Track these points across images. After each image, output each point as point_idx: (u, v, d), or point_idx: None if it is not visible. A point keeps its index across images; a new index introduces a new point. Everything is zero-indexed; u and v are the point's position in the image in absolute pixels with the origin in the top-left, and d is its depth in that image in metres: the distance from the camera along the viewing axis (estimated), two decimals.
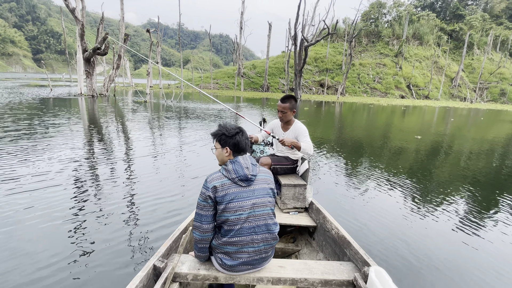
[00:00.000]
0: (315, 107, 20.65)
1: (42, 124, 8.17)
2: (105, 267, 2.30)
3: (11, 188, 3.66)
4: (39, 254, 2.44)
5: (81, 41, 17.58)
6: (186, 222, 2.11)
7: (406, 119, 16.04)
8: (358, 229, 3.14)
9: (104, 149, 6.00)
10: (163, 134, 7.90)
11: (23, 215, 3.01)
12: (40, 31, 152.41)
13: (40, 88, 24.86)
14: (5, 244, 2.52)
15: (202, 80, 42.22)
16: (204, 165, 5.10)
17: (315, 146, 7.32)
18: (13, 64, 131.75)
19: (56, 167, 4.52)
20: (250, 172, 1.59)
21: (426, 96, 42.04)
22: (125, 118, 10.63)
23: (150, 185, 4.04)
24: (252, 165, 1.63)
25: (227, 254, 1.58)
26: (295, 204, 2.68)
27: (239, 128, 1.70)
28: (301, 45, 27.51)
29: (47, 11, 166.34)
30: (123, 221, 3.02)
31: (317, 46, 48.00)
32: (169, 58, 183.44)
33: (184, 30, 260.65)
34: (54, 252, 2.46)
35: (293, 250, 2.54)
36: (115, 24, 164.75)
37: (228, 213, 1.53)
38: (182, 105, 16.77)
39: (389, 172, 5.32)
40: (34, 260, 2.34)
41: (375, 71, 44.01)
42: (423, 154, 7.11)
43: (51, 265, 2.29)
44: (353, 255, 1.87)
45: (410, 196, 4.18)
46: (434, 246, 2.91)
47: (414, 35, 50.18)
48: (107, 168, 4.71)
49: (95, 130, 7.96)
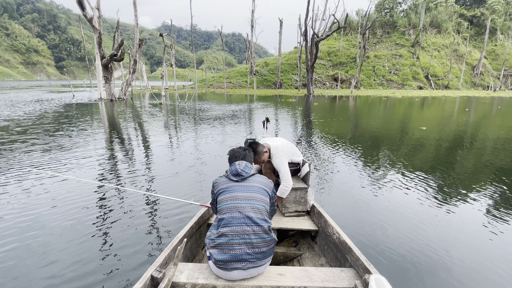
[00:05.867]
0: (325, 102, 20.58)
1: (70, 127, 8.80)
2: (102, 277, 2.28)
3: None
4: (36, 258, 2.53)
5: (99, 49, 18.40)
6: (184, 231, 2.09)
7: (420, 111, 15.70)
8: (361, 233, 2.99)
9: (121, 150, 6.45)
10: (177, 135, 8.29)
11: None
12: (61, 40, 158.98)
13: (64, 94, 26.28)
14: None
15: (216, 80, 42.78)
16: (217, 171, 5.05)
17: (317, 144, 7.47)
18: (37, 73, 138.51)
19: (72, 167, 4.98)
20: (241, 168, 1.92)
21: (446, 86, 40.61)
22: (141, 120, 11.17)
23: (161, 187, 4.37)
24: (246, 166, 1.95)
25: (219, 248, 1.66)
26: (297, 208, 2.65)
27: (241, 155, 2.11)
28: (312, 40, 27.35)
29: (67, 20, 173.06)
30: (122, 228, 3.02)
31: (329, 40, 47.39)
32: (184, 60, 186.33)
33: (197, 31, 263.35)
34: (51, 258, 2.50)
35: (295, 255, 2.50)
36: (131, 29, 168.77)
37: (221, 203, 1.82)
38: (196, 106, 17.23)
39: (399, 171, 5.25)
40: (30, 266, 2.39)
41: (391, 62, 42.94)
42: (439, 150, 6.86)
43: (46, 273, 2.31)
44: (355, 261, 1.83)
45: (421, 199, 3.88)
46: (446, 258, 2.60)
47: (432, 23, 48.39)
48: (122, 168, 5.11)
49: (113, 132, 8.48)
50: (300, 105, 18.33)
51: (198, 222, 2.34)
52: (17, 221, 3.14)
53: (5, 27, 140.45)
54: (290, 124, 10.57)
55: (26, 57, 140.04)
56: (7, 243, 2.73)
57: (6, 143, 6.75)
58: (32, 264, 2.43)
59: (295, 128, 9.67)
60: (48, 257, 2.53)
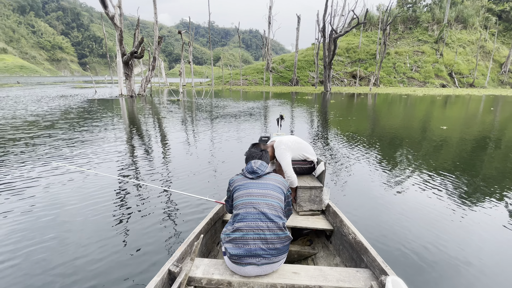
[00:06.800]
0: (342, 100, 20.24)
1: (93, 122, 9.15)
2: (120, 268, 2.36)
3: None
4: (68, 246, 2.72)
5: (120, 46, 18.91)
6: (200, 227, 2.13)
7: (442, 110, 15.15)
8: (378, 234, 2.94)
9: (140, 145, 6.64)
10: (194, 132, 8.43)
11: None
12: (84, 37, 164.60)
13: (86, 90, 27.27)
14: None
15: (232, 77, 42.98)
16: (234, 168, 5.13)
17: (334, 143, 7.40)
18: (62, 69, 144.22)
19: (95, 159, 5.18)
20: (257, 166, 1.98)
21: (471, 84, 38.93)
22: (160, 116, 11.43)
23: (179, 183, 4.48)
24: (261, 165, 2.01)
25: (233, 242, 1.70)
26: (311, 207, 2.64)
27: (258, 155, 2.23)
28: (330, 36, 26.90)
29: (90, 18, 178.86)
30: (139, 222, 3.10)
31: (349, 36, 46.47)
32: (201, 57, 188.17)
33: (215, 28, 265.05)
34: (74, 249, 2.61)
35: (310, 253, 2.49)
36: (150, 26, 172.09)
37: (237, 199, 1.88)
38: (213, 102, 17.41)
39: (417, 171, 5.15)
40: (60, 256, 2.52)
41: (412, 59, 41.63)
42: (465, 149, 6.67)
43: (68, 265, 2.40)
44: (371, 262, 1.80)
45: (440, 200, 3.76)
46: (467, 262, 2.50)
47: (457, 18, 46.40)
48: (141, 163, 5.27)
49: (133, 128, 8.73)
50: (316, 102, 18.14)
51: (213, 218, 2.38)
52: (40, 215, 3.30)
53: (31, 24, 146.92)
54: (305, 122, 10.50)
55: (51, 54, 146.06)
56: (32, 237, 2.84)
57: (35, 137, 7.10)
58: (54, 257, 2.51)
59: (310, 126, 9.60)
60: (70, 249, 2.63)
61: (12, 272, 2.32)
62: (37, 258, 2.50)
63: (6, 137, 7.05)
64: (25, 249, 2.62)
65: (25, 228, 2.98)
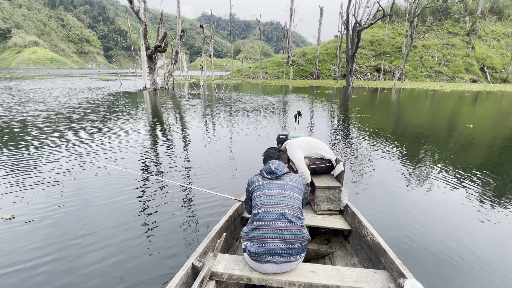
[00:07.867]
0: (364, 95, 19.72)
1: (119, 115, 9.56)
2: (143, 262, 2.46)
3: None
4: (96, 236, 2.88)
5: (144, 40, 19.39)
6: (221, 224, 2.21)
7: (471, 107, 14.41)
8: (397, 235, 2.91)
9: (162, 141, 6.89)
10: (214, 128, 8.60)
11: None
12: (110, 30, 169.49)
13: (112, 82, 28.30)
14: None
15: (251, 70, 42.88)
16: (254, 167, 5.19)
17: (354, 141, 7.31)
18: (89, 61, 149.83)
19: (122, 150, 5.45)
20: (275, 166, 2.03)
21: (505, 80, 36.61)
22: (182, 110, 11.74)
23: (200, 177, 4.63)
24: (279, 165, 2.06)
25: (253, 241, 1.77)
26: (329, 206, 2.66)
27: (276, 155, 2.26)
28: (354, 29, 26.14)
29: (115, 11, 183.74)
30: (161, 217, 3.20)
31: (373, 28, 44.87)
32: (221, 49, 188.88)
33: (236, 20, 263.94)
34: (104, 241, 2.76)
35: (327, 252, 2.52)
36: (172, 19, 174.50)
37: (256, 199, 1.95)
38: (232, 96, 17.55)
39: (440, 172, 5.00)
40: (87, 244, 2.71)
41: (441, 52, 39.63)
42: (485, 151, 6.40)
43: (92, 258, 2.50)
44: (389, 264, 1.80)
45: (463, 203, 3.66)
46: (490, 268, 2.44)
47: (492, 9, 43.49)
48: (162, 159, 5.48)
49: (156, 123, 9.04)
50: (337, 97, 17.82)
51: (233, 215, 2.45)
52: (64, 211, 3.52)
53: (61, 18, 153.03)
54: (324, 118, 10.39)
55: (79, 47, 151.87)
56: (57, 229, 2.97)
57: (65, 131, 7.54)
58: (78, 251, 2.62)
59: (329, 123, 9.50)
60: (94, 243, 2.74)
61: (48, 269, 2.40)
62: (70, 253, 2.62)
63: (41, 130, 7.52)
64: (61, 243, 2.77)
65: (58, 223, 3.14)
